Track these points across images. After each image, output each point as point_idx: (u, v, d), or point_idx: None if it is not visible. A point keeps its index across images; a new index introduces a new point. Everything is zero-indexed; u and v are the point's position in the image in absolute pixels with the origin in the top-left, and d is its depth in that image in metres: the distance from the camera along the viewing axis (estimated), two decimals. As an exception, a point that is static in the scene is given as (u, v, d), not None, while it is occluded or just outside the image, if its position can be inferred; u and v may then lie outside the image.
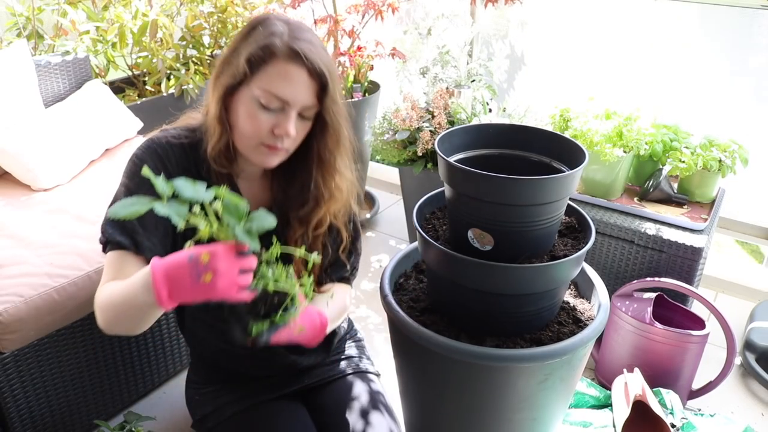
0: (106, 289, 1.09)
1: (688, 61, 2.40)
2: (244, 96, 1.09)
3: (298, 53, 1.05)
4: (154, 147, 1.16)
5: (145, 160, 1.15)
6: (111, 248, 1.13)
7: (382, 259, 2.63)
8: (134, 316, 1.03)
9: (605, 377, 1.92)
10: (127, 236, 1.11)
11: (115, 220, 1.08)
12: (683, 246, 1.86)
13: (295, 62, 1.06)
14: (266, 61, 1.06)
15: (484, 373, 1.26)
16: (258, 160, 1.14)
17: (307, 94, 1.08)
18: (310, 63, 1.06)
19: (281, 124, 1.08)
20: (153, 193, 0.92)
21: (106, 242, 1.15)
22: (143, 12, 2.60)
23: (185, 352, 1.91)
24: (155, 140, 1.17)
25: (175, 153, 1.17)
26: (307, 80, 1.07)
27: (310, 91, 1.08)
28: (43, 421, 1.59)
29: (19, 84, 2.12)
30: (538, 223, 1.25)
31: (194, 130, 1.20)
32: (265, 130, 1.09)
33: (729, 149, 2.00)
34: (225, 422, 1.32)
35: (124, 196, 1.12)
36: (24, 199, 1.95)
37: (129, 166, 1.17)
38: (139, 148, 1.18)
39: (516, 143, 1.42)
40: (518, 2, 2.53)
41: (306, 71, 1.06)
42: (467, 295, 1.29)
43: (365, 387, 1.38)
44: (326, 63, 1.09)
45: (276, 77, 1.06)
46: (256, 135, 1.09)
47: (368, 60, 2.71)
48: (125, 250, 1.11)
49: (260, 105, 1.07)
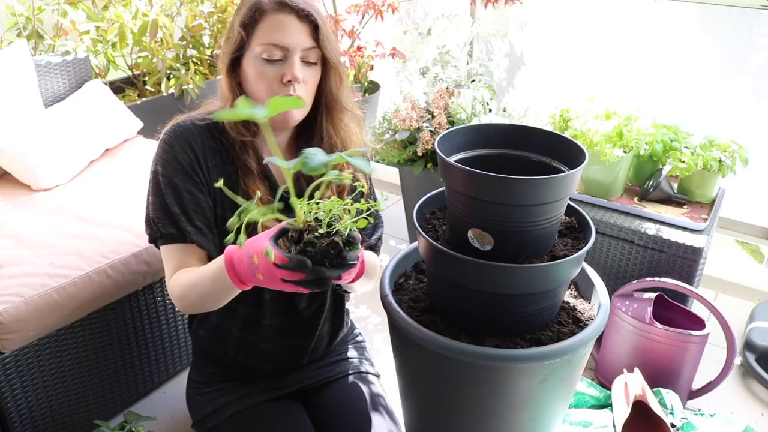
0: (179, 279, 1.16)
1: (688, 61, 2.40)
2: (248, 60, 1.17)
3: (283, 2, 1.14)
4: (180, 130, 1.21)
5: (172, 144, 1.20)
6: (163, 242, 1.20)
7: (382, 259, 2.63)
8: (218, 295, 1.10)
9: (605, 377, 1.92)
10: (175, 227, 1.18)
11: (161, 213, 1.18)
12: (683, 246, 1.86)
13: (283, 10, 1.14)
14: (257, 20, 1.14)
15: (484, 373, 1.26)
16: (279, 118, 1.18)
17: (302, 36, 1.15)
18: (297, 8, 1.14)
19: (287, 71, 1.14)
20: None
21: (157, 236, 1.21)
22: (143, 12, 2.60)
23: (185, 352, 1.91)
24: (180, 124, 1.22)
25: (201, 133, 1.22)
26: (299, 24, 1.14)
27: (305, 34, 1.15)
28: (43, 421, 1.59)
29: (19, 84, 2.12)
30: (538, 223, 1.24)
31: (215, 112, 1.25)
32: (275, 82, 1.15)
33: (729, 149, 2.00)
34: (225, 422, 1.32)
35: (156, 182, 1.20)
36: (24, 199, 1.95)
37: (158, 152, 1.22)
38: (165, 133, 1.22)
39: (516, 143, 1.42)
40: (518, 2, 2.53)
41: (295, 16, 1.14)
42: (467, 295, 1.29)
43: (365, 388, 1.39)
44: (312, 5, 1.17)
45: (270, 29, 1.14)
46: (268, 89, 1.15)
47: (368, 60, 2.71)
48: (177, 242, 1.19)
49: (264, 61, 1.15)
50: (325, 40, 1.17)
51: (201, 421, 1.37)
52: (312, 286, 0.91)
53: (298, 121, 1.22)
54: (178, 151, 1.18)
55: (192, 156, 1.19)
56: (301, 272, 0.88)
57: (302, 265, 0.88)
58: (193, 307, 1.17)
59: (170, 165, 1.18)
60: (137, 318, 1.74)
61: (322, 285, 0.91)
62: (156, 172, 1.20)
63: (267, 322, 1.32)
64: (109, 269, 1.63)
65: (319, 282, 0.90)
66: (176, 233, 1.18)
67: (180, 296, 1.16)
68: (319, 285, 0.91)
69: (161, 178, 1.19)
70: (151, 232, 1.22)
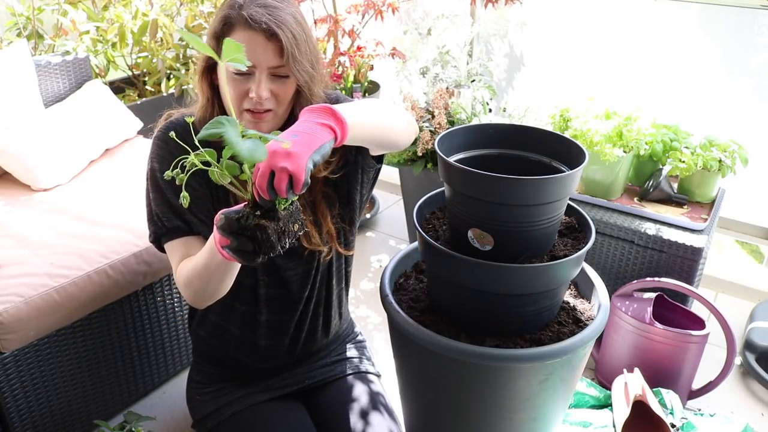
0: (182, 267, 1.17)
1: (688, 61, 2.40)
2: (220, 68, 1.14)
3: (249, 19, 1.10)
4: (174, 126, 1.22)
5: (166, 140, 1.21)
6: (169, 237, 1.21)
7: (382, 259, 2.63)
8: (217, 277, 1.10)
9: (605, 377, 1.92)
10: (181, 219, 1.19)
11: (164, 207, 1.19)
12: (683, 246, 1.86)
13: (251, 28, 1.10)
14: (226, 33, 1.12)
15: (484, 373, 1.26)
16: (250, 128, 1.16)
17: (269, 55, 1.11)
18: (265, 27, 1.10)
19: (252, 88, 1.13)
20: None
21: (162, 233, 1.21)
22: (143, 12, 2.60)
23: (185, 352, 1.91)
24: (173, 121, 1.24)
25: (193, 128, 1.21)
26: (266, 43, 1.11)
27: (273, 53, 1.12)
28: (43, 421, 1.59)
29: (19, 84, 2.12)
30: (538, 223, 1.24)
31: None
32: (243, 96, 1.14)
33: (729, 149, 2.00)
34: (225, 422, 1.33)
35: (154, 179, 1.21)
36: (24, 199, 1.95)
37: (153, 149, 1.23)
38: (159, 130, 1.24)
39: (516, 143, 1.42)
40: (518, 2, 2.53)
41: (262, 35, 1.10)
42: (467, 295, 1.29)
43: (365, 388, 1.39)
44: (283, 21, 1.12)
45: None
46: (236, 102, 1.14)
47: (368, 60, 2.70)
48: (182, 234, 1.20)
49: (232, 74, 1.13)
50: (292, 60, 1.12)
51: (201, 421, 1.37)
52: (238, 255, 0.90)
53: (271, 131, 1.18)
54: (173, 146, 1.19)
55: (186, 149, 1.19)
56: (223, 236, 0.89)
57: (221, 228, 0.89)
58: (199, 294, 1.15)
59: (167, 161, 1.18)
60: (137, 318, 1.74)
61: (247, 259, 0.90)
62: (153, 169, 1.22)
63: (264, 318, 1.32)
64: (109, 269, 1.63)
65: (244, 254, 0.89)
66: (182, 225, 1.19)
67: (186, 283, 1.16)
68: (244, 257, 0.90)
69: (159, 175, 1.20)
70: (155, 229, 1.23)
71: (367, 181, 1.31)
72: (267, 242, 0.88)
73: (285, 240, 0.90)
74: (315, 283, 1.33)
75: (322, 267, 1.32)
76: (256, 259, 0.89)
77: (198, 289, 1.14)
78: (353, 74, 2.72)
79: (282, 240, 0.89)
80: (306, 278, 1.31)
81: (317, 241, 1.26)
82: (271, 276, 1.29)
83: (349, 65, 2.65)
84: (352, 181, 1.29)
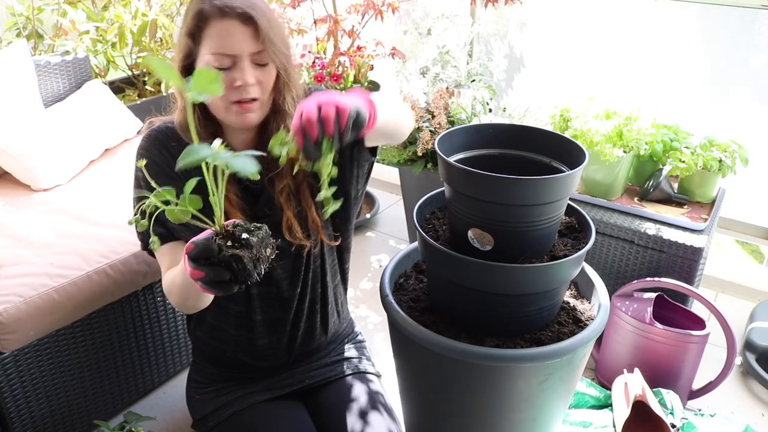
0: (166, 277, 1.19)
1: (689, 61, 2.40)
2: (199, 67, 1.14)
3: (223, 8, 1.11)
4: (155, 134, 1.25)
5: (149, 149, 1.25)
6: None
7: (382, 259, 2.63)
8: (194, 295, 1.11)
9: (605, 377, 1.92)
10: (163, 227, 1.20)
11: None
12: (683, 246, 1.86)
13: (226, 17, 1.11)
14: (202, 28, 1.13)
15: (484, 373, 1.26)
16: (239, 122, 1.18)
17: (248, 41, 1.12)
18: (238, 11, 1.10)
19: (238, 77, 1.13)
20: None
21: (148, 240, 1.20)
22: (143, 12, 2.60)
23: (185, 352, 1.91)
24: (155, 129, 1.27)
25: (175, 134, 1.26)
26: (242, 28, 1.11)
27: (250, 38, 1.12)
28: (43, 421, 1.59)
29: (19, 84, 2.12)
30: (538, 223, 1.24)
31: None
32: (228, 89, 1.14)
33: (729, 149, 2.00)
34: (225, 422, 1.33)
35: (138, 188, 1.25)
36: (24, 199, 1.95)
37: (137, 157, 1.25)
38: (142, 140, 1.27)
39: (516, 143, 1.42)
40: (518, 2, 2.53)
41: (239, 21, 1.11)
42: (467, 295, 1.29)
43: (365, 388, 1.39)
44: (255, 4, 1.13)
45: (216, 38, 1.12)
46: (223, 96, 1.14)
47: (368, 60, 2.70)
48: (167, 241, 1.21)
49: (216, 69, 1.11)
50: (268, 42, 1.13)
51: (201, 421, 1.37)
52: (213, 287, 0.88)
53: (257, 122, 1.20)
54: (155, 155, 1.23)
55: (169, 157, 1.23)
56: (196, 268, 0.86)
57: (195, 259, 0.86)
58: (181, 306, 1.18)
59: (150, 169, 1.17)
60: (137, 318, 1.74)
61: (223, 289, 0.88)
62: (138, 178, 1.26)
63: (259, 317, 1.32)
64: (109, 269, 1.63)
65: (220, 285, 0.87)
66: (165, 232, 1.21)
67: (168, 294, 1.19)
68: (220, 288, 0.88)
69: (143, 183, 1.23)
70: (143, 237, 1.27)
71: (361, 175, 1.32)
72: (243, 271, 0.87)
73: (260, 267, 0.89)
74: (307, 280, 1.33)
75: (313, 264, 1.32)
76: (233, 289, 0.88)
77: (178, 302, 1.17)
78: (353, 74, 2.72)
79: (257, 267, 0.89)
80: (295, 276, 1.31)
81: (299, 234, 1.24)
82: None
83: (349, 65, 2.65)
84: (347, 175, 1.29)
